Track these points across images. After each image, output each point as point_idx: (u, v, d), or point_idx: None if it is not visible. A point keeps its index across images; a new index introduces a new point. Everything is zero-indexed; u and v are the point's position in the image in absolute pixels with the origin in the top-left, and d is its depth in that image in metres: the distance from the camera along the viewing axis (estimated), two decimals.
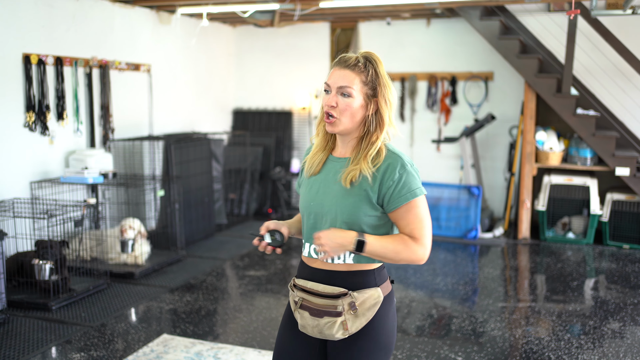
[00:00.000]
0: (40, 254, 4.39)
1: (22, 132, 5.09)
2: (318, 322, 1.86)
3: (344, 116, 1.85)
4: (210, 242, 6.35)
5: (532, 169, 6.42)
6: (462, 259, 5.92)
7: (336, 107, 1.85)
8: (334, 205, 1.86)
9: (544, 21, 6.69)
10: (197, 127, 7.59)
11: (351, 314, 1.84)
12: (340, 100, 1.85)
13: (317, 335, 1.89)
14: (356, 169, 1.84)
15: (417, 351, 3.73)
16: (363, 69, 1.85)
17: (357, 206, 1.83)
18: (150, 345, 3.79)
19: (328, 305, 1.85)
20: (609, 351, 3.74)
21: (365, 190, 1.83)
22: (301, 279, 1.95)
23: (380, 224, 1.88)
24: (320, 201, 1.90)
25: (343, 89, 1.84)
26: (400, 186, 1.82)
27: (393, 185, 1.82)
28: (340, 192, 1.86)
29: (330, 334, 1.85)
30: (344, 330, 1.85)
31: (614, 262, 5.72)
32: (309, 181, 1.97)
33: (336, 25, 7.97)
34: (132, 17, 6.34)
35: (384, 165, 1.83)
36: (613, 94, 6.52)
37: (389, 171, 1.82)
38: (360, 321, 1.85)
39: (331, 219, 1.87)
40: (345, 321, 1.84)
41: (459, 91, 7.38)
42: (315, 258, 1.91)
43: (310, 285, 1.90)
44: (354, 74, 1.84)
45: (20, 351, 3.68)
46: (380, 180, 1.82)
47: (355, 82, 1.84)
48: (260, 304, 4.55)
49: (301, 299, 1.92)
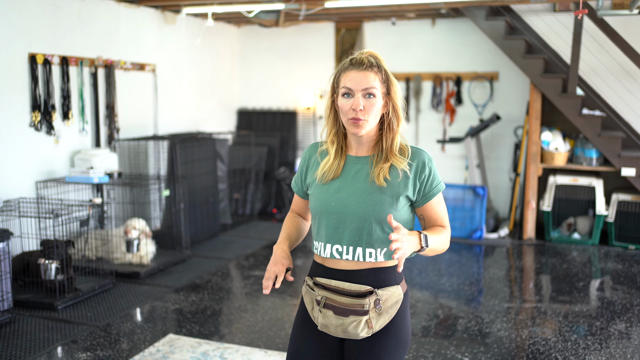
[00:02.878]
0: (46, 253, 4.40)
1: (28, 132, 5.10)
2: (343, 321, 1.87)
3: (371, 117, 1.87)
4: (215, 242, 6.35)
5: (537, 169, 6.40)
6: (467, 259, 5.91)
7: (363, 109, 1.85)
8: (363, 204, 1.86)
9: (549, 21, 6.68)
10: (202, 127, 7.59)
11: (375, 312, 1.86)
12: (366, 102, 1.86)
13: (340, 334, 1.89)
14: (386, 166, 1.87)
15: (423, 351, 3.72)
16: (378, 70, 1.87)
17: (389, 203, 1.86)
18: (156, 345, 3.79)
19: (354, 304, 1.86)
20: (616, 352, 3.73)
21: (397, 187, 1.87)
22: (323, 278, 1.94)
23: (409, 218, 1.94)
24: (343, 201, 1.89)
25: (368, 90, 1.85)
26: (431, 180, 1.90)
27: (425, 179, 1.89)
28: (369, 191, 1.87)
29: (355, 333, 1.86)
30: (369, 329, 1.86)
31: (620, 262, 5.70)
32: (328, 185, 1.94)
33: (341, 25, 7.96)
34: (137, 17, 6.34)
35: (415, 160, 1.89)
36: (619, 94, 6.50)
37: (421, 166, 1.89)
38: (384, 319, 1.88)
39: (359, 218, 1.86)
40: (370, 319, 1.86)
41: (464, 91, 7.36)
42: (339, 259, 1.90)
43: (335, 284, 1.90)
44: (373, 74, 1.86)
45: (26, 351, 3.68)
46: (414, 175, 1.88)
47: (376, 82, 1.86)
48: (266, 304, 4.55)
49: (324, 298, 1.91)
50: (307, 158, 2.06)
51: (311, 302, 1.97)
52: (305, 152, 2.09)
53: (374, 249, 1.86)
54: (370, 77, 1.85)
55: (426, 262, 5.69)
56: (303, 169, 2.06)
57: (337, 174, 1.94)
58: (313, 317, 1.96)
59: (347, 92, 1.87)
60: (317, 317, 1.93)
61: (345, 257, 1.89)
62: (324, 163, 1.96)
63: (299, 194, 2.10)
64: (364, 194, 1.87)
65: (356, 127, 1.86)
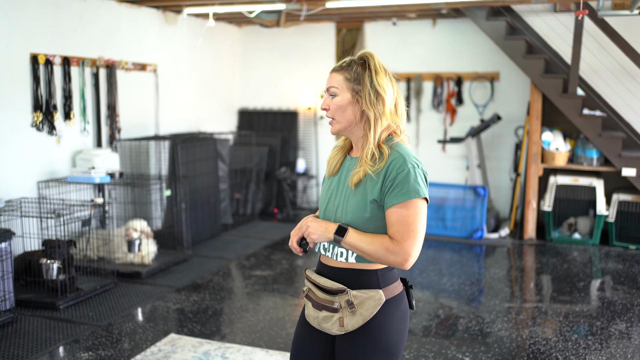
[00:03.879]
0: (48, 253, 4.41)
1: (30, 132, 5.11)
2: (318, 315, 1.94)
3: (336, 115, 1.92)
4: (216, 242, 6.36)
5: (538, 169, 6.41)
6: (467, 259, 5.92)
7: (328, 109, 1.93)
8: (341, 205, 1.91)
9: (550, 21, 6.69)
10: (203, 127, 7.61)
11: (348, 312, 1.88)
12: (330, 102, 1.93)
13: (317, 326, 1.97)
14: (360, 171, 1.87)
15: (424, 351, 3.73)
16: (347, 67, 1.91)
17: (359, 206, 1.86)
18: (158, 344, 3.80)
19: (326, 300, 1.91)
20: (617, 352, 3.74)
21: (366, 190, 1.85)
22: (312, 272, 2.02)
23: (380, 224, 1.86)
24: (330, 200, 1.97)
25: (329, 90, 1.93)
26: (395, 185, 1.80)
27: (390, 183, 1.80)
28: (347, 193, 1.91)
29: (327, 327, 1.92)
30: (340, 327, 1.89)
31: (621, 262, 5.71)
32: (329, 180, 2.03)
33: (342, 26, 7.97)
34: (139, 17, 6.36)
35: (387, 164, 1.83)
36: (619, 95, 6.51)
37: (390, 169, 1.81)
38: (357, 320, 1.87)
39: (336, 219, 1.91)
40: (342, 318, 1.88)
41: (465, 91, 7.37)
42: (325, 255, 1.97)
43: (314, 277, 1.97)
44: (338, 74, 1.92)
45: (28, 350, 3.69)
46: (382, 179, 1.82)
47: (338, 80, 1.91)
48: (267, 304, 4.56)
49: (308, 289, 2.00)
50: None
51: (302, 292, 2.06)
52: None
53: (344, 249, 1.90)
54: (334, 78, 1.92)
55: (427, 262, 5.70)
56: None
57: (335, 171, 2.01)
58: None
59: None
60: (305, 307, 2.04)
61: (328, 254, 1.95)
62: (330, 155, 2.06)
63: None
64: (344, 195, 1.91)
65: (330, 127, 1.96)
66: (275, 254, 5.93)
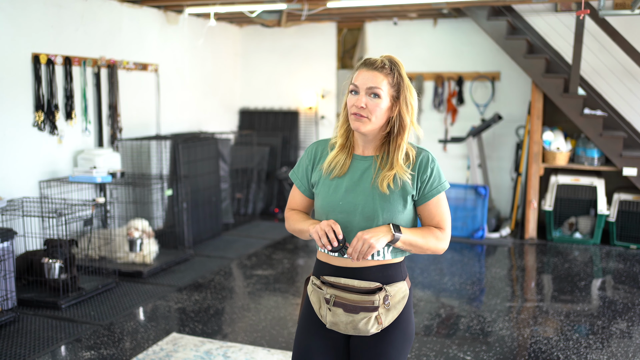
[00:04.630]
0: (50, 252, 4.41)
1: (31, 132, 5.12)
2: (353, 318, 1.88)
3: (374, 116, 1.89)
4: (218, 242, 6.37)
5: (539, 169, 6.41)
6: (469, 258, 5.92)
7: (365, 107, 1.88)
8: (371, 204, 1.89)
9: (551, 21, 6.69)
10: (204, 126, 7.61)
11: (384, 308, 1.89)
12: (369, 101, 1.88)
13: (350, 331, 1.91)
14: (390, 174, 1.89)
15: (425, 350, 3.74)
16: (389, 72, 1.89)
17: (396, 204, 1.89)
18: (159, 343, 3.80)
19: (364, 301, 1.88)
20: (618, 351, 3.74)
21: (403, 189, 1.90)
22: (331, 276, 1.96)
23: (413, 217, 1.97)
24: (352, 200, 1.92)
25: (372, 89, 1.88)
26: (432, 180, 1.92)
27: (427, 179, 1.92)
28: (373, 192, 1.90)
29: (366, 329, 1.89)
30: (378, 325, 1.89)
31: (622, 262, 5.71)
32: (333, 182, 1.96)
33: (343, 25, 7.98)
34: (140, 17, 6.36)
35: (417, 161, 1.93)
36: (620, 94, 6.51)
37: (423, 166, 1.92)
38: (392, 314, 1.91)
39: (367, 218, 1.89)
40: (379, 315, 1.89)
41: (466, 91, 7.37)
42: (347, 257, 1.91)
43: (344, 281, 1.92)
44: (382, 76, 1.88)
45: (30, 349, 3.70)
46: (417, 176, 1.91)
47: (383, 83, 1.88)
48: (269, 303, 4.57)
49: (334, 296, 1.92)
50: (315, 153, 2.05)
51: (318, 300, 1.97)
52: (311, 148, 2.08)
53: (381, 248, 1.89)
54: (378, 78, 1.88)
55: (428, 262, 5.70)
56: (309, 167, 2.05)
57: (344, 171, 1.96)
58: (320, 315, 1.97)
59: (354, 89, 1.91)
60: (325, 316, 1.94)
61: None
62: (331, 155, 1.99)
63: (301, 189, 2.08)
64: (372, 195, 1.90)
65: (357, 122, 1.89)
66: (276, 253, 5.93)
